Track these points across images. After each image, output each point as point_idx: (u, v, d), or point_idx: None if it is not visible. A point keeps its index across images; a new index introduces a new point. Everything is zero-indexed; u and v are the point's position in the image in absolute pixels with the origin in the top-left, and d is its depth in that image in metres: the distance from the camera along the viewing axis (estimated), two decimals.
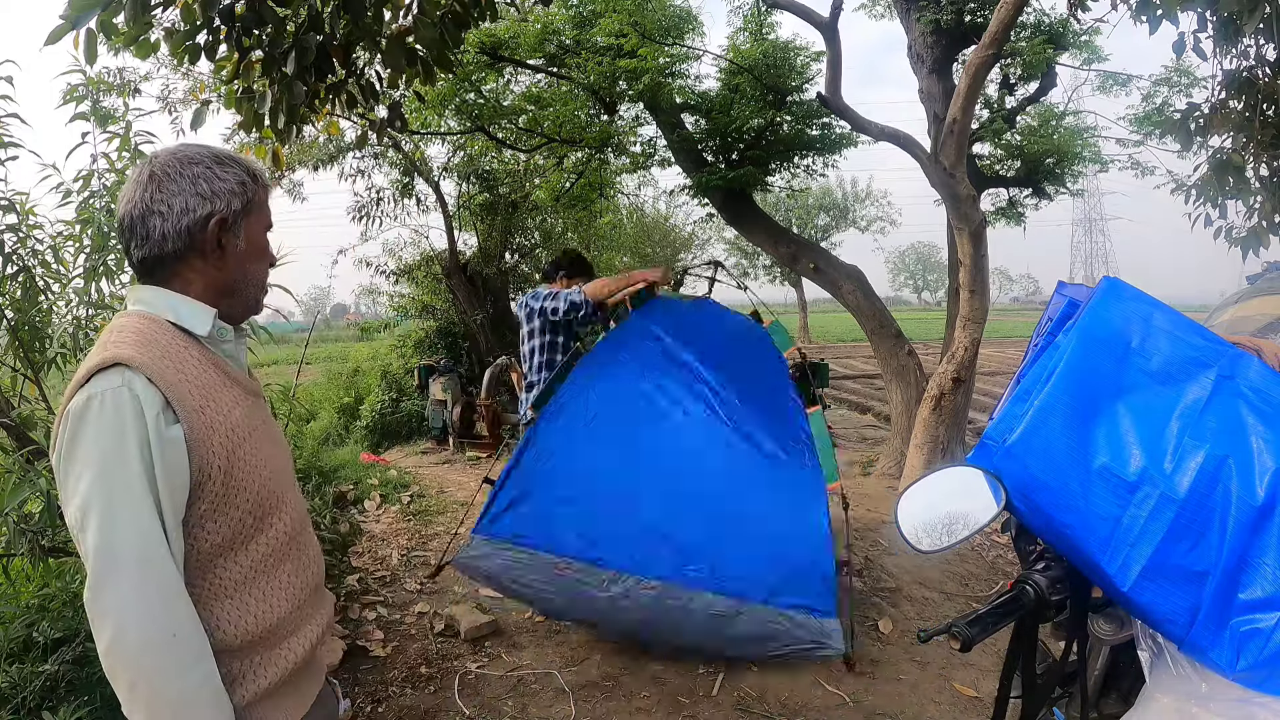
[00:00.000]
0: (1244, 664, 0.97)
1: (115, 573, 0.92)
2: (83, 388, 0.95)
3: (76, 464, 0.94)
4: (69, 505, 0.94)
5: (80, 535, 0.94)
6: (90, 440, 0.93)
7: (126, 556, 0.92)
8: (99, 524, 0.92)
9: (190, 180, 1.04)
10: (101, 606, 0.94)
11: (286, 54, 2.20)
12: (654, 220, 17.50)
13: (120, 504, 0.92)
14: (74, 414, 0.94)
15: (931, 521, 1.14)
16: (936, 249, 55.14)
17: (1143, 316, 1.15)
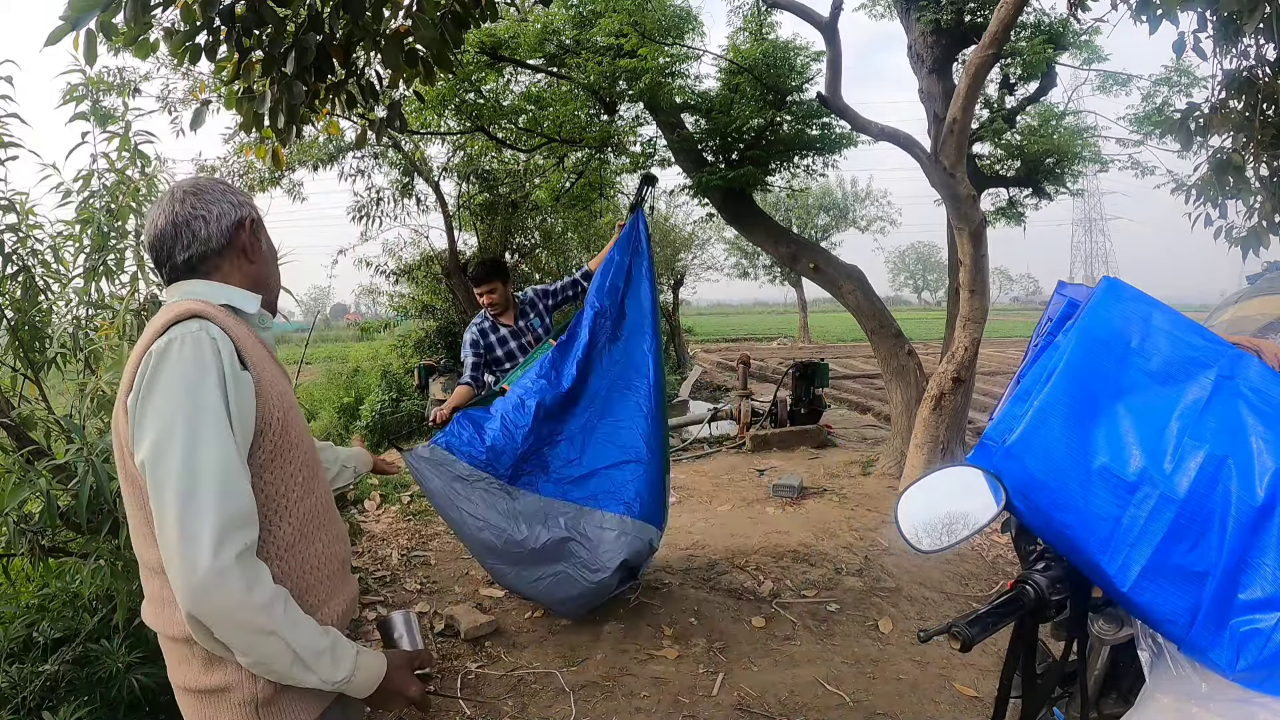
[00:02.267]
0: (1244, 664, 0.97)
1: (208, 479, 0.98)
2: (162, 334, 1.04)
3: (158, 395, 1.00)
4: (145, 438, 1.00)
5: (158, 463, 0.99)
6: (174, 374, 1.00)
7: (210, 474, 0.98)
8: (184, 446, 0.98)
9: (220, 193, 1.22)
10: (193, 513, 0.98)
11: (286, 54, 2.19)
12: (654, 220, 17.50)
13: (204, 427, 0.99)
14: (156, 353, 1.02)
15: (931, 521, 1.14)
16: (936, 249, 55.18)
17: (1142, 316, 1.15)
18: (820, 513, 5.20)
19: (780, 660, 3.13)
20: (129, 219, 2.64)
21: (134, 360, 1.05)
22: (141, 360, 1.03)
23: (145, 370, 1.02)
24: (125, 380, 1.07)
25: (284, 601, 1.03)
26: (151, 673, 2.34)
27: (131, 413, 1.03)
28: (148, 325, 1.10)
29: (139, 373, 1.03)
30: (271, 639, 1.00)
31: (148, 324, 1.11)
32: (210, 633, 0.99)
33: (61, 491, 2.15)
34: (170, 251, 1.18)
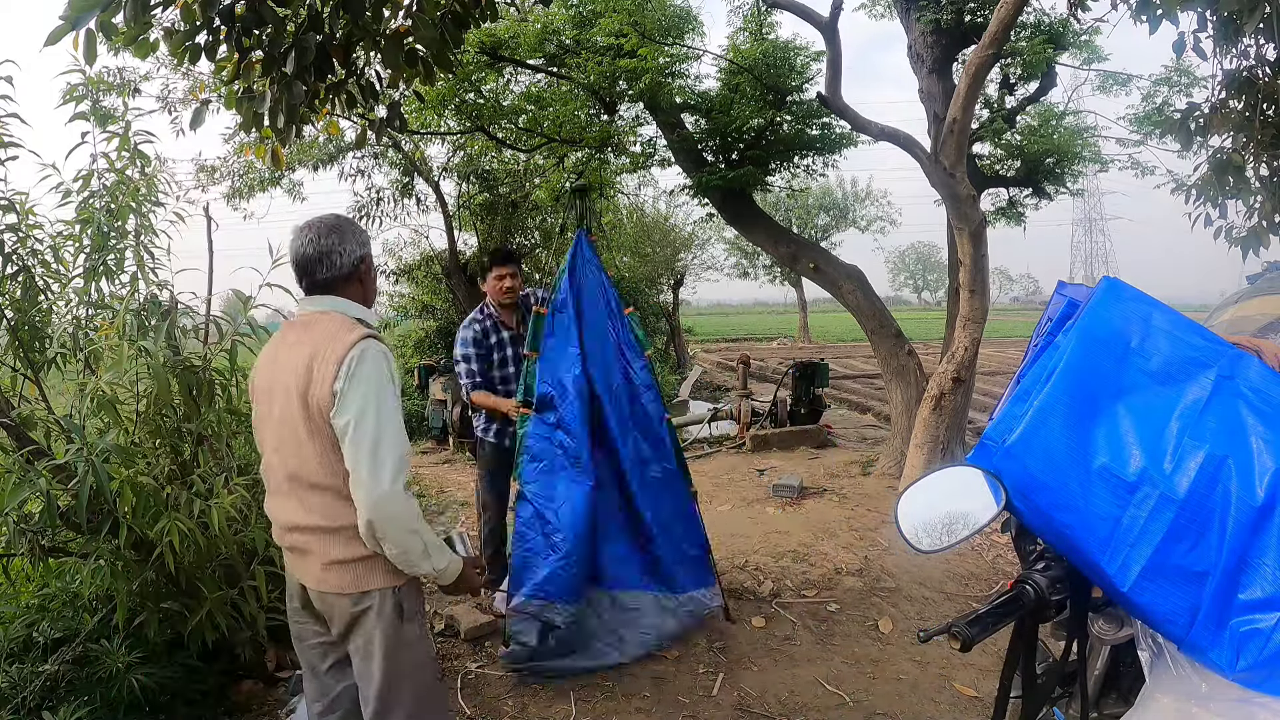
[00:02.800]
0: (1244, 664, 0.97)
1: (387, 440, 1.56)
2: (354, 346, 1.58)
3: (360, 383, 1.55)
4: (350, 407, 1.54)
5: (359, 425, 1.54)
6: (369, 369, 1.57)
7: (394, 428, 1.58)
8: (377, 412, 1.56)
9: (352, 234, 1.71)
10: (381, 461, 1.54)
11: (286, 54, 2.19)
12: (654, 220, 17.50)
13: (388, 402, 1.59)
14: (355, 356, 1.57)
15: (931, 521, 1.14)
16: (936, 249, 55.15)
17: (1142, 316, 1.15)
18: (820, 513, 5.19)
19: (780, 660, 3.13)
20: (129, 219, 2.64)
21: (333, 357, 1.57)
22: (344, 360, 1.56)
23: (349, 366, 1.55)
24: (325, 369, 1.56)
25: (421, 516, 1.63)
26: (151, 673, 2.34)
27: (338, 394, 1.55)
28: (331, 328, 1.62)
29: (342, 368, 1.55)
30: (415, 536, 1.60)
31: (329, 326, 1.63)
32: (376, 532, 1.55)
33: (61, 491, 2.15)
34: (314, 272, 1.67)
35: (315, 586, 1.68)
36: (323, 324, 1.64)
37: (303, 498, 1.64)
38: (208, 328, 2.62)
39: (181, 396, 2.43)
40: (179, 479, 2.42)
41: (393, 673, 1.67)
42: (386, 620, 1.65)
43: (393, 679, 1.67)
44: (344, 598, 1.65)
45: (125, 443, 2.39)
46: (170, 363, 2.39)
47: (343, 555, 1.63)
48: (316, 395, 1.56)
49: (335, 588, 1.65)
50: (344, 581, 1.64)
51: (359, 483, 1.54)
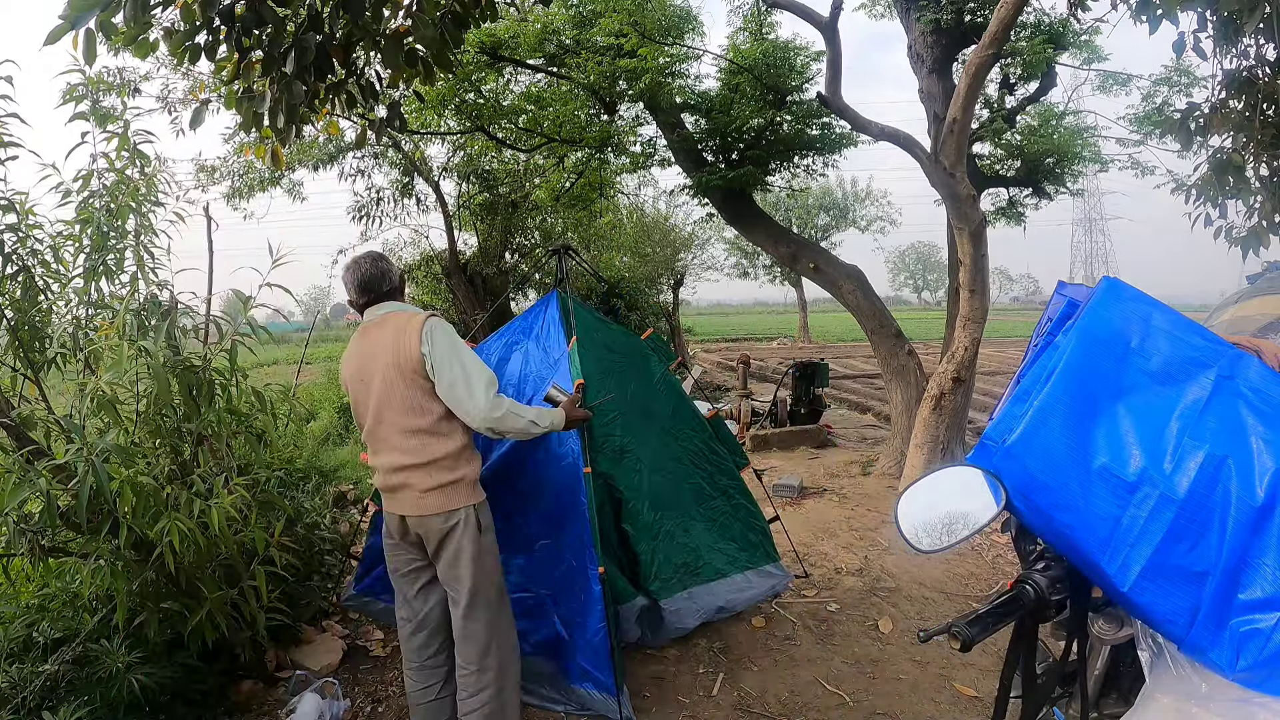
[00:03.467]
0: (1244, 664, 0.97)
1: (474, 373, 2.13)
2: (427, 320, 2.16)
3: (439, 343, 2.13)
4: (442, 360, 2.11)
5: (450, 368, 2.11)
6: (442, 333, 2.16)
7: (475, 366, 2.15)
8: (461, 358, 2.14)
9: (388, 260, 2.35)
10: (474, 385, 2.12)
11: (286, 54, 2.19)
12: (654, 220, 17.49)
13: (466, 351, 2.17)
14: (429, 328, 2.14)
15: (931, 521, 1.14)
16: (936, 249, 55.14)
17: (1142, 316, 1.15)
18: (820, 513, 5.19)
19: (780, 660, 3.13)
20: (129, 219, 2.64)
21: (413, 330, 2.13)
22: (422, 331, 2.12)
23: (429, 332, 2.12)
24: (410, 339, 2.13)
25: (512, 404, 2.18)
26: (151, 673, 2.34)
27: (427, 351, 2.11)
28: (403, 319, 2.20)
29: (421, 336, 2.11)
30: (520, 419, 2.19)
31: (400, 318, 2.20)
32: (495, 430, 2.16)
33: (61, 491, 2.15)
34: (379, 287, 2.28)
35: (414, 513, 2.17)
36: (393, 317, 2.21)
37: (403, 444, 2.16)
38: (208, 328, 2.62)
39: (181, 396, 2.43)
40: (179, 479, 2.42)
41: (478, 572, 2.18)
42: (471, 531, 2.17)
43: (479, 577, 2.18)
44: (437, 517, 2.15)
45: (125, 443, 2.39)
46: (170, 363, 2.39)
47: (434, 483, 2.15)
48: (408, 358, 2.11)
49: (430, 509, 2.15)
50: (437, 503, 2.15)
51: (465, 407, 2.11)
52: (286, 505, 2.88)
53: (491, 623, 2.22)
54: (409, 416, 2.15)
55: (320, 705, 2.61)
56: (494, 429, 2.15)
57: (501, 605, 2.28)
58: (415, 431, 2.15)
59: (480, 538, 2.20)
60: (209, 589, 2.45)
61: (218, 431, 2.51)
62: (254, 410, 2.60)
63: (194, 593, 2.48)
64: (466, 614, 2.20)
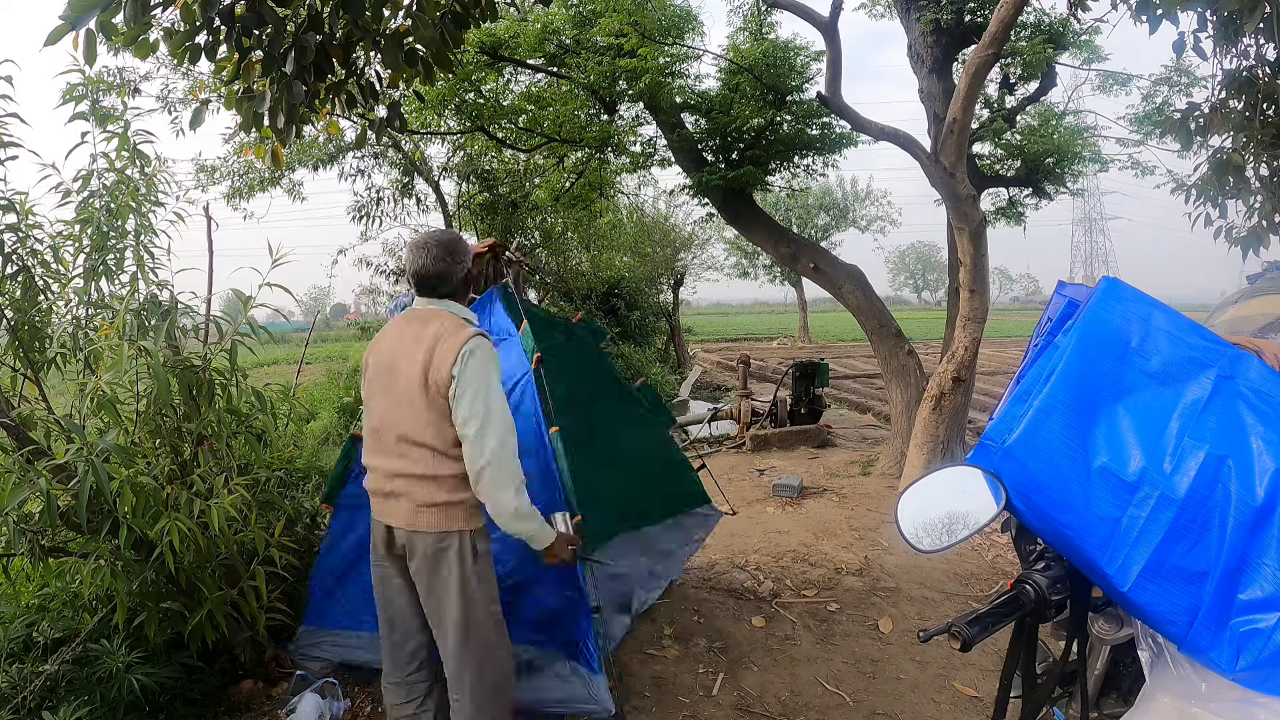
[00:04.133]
0: (1244, 664, 0.97)
1: (495, 418, 1.92)
2: (470, 340, 1.93)
3: (471, 373, 1.90)
4: (466, 388, 1.90)
5: (473, 404, 1.89)
6: (478, 363, 1.92)
7: (500, 413, 1.94)
8: (487, 398, 1.91)
9: (464, 253, 2.08)
10: (488, 434, 1.90)
11: (286, 54, 2.19)
12: (654, 220, 17.50)
13: (495, 390, 1.95)
14: (467, 351, 1.91)
15: (931, 521, 1.14)
16: (936, 249, 55.16)
17: (1142, 316, 1.15)
18: (820, 513, 5.20)
19: (780, 660, 3.13)
20: (129, 219, 2.64)
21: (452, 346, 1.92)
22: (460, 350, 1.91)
23: (464, 359, 1.90)
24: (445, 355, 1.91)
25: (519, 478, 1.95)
26: (151, 673, 2.34)
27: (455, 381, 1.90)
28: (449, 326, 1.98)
29: (456, 362, 1.90)
30: (509, 497, 1.93)
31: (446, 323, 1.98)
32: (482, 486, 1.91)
33: (61, 491, 2.15)
34: (435, 284, 2.04)
35: (405, 526, 2.00)
36: (440, 319, 2.00)
37: (408, 452, 1.99)
38: (208, 328, 2.62)
39: (181, 396, 2.43)
40: (179, 479, 2.42)
41: (466, 604, 1.99)
42: (464, 559, 1.99)
43: (466, 609, 1.99)
44: (429, 536, 1.98)
45: (125, 443, 2.39)
46: (170, 363, 2.39)
47: (433, 499, 1.97)
48: (436, 375, 1.92)
49: (424, 526, 1.98)
50: (433, 521, 1.98)
51: (475, 449, 1.90)
52: (286, 505, 2.88)
53: (485, 654, 2.04)
54: (422, 431, 1.96)
55: (320, 705, 2.61)
56: (481, 485, 1.91)
57: (497, 634, 2.08)
58: (423, 446, 1.97)
59: (474, 565, 2.01)
60: (209, 589, 2.45)
61: (218, 431, 2.51)
62: (254, 410, 2.60)
63: (194, 593, 2.48)
64: (458, 646, 2.00)
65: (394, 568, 2.09)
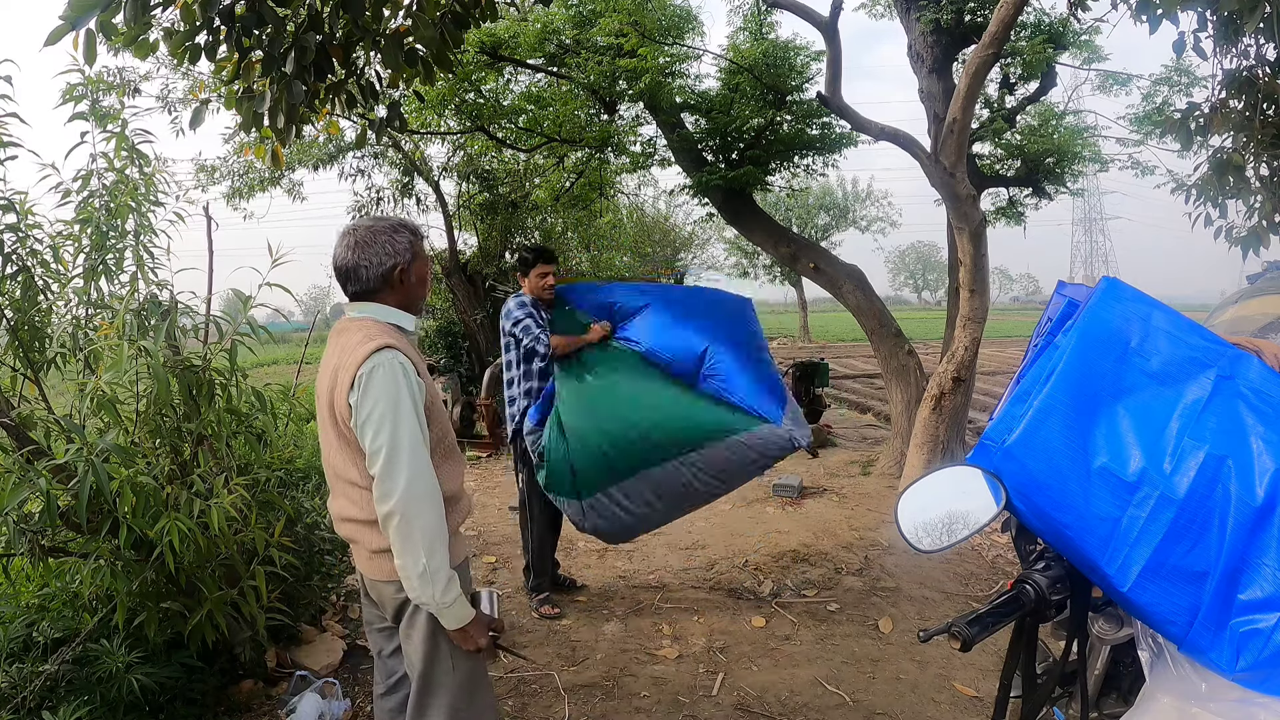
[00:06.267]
0: (1244, 664, 0.97)
1: (401, 453, 1.56)
2: (367, 360, 1.58)
3: (370, 399, 1.57)
4: (368, 423, 1.57)
5: (375, 437, 1.56)
6: (379, 386, 1.58)
7: (408, 445, 1.57)
8: (394, 427, 1.57)
9: (381, 245, 1.71)
10: (394, 474, 1.56)
11: (286, 54, 2.19)
12: (654, 220, 17.50)
13: (404, 416, 1.58)
14: (365, 374, 1.58)
15: (931, 521, 1.14)
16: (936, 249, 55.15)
17: (1142, 316, 1.15)
18: (820, 513, 5.19)
19: (780, 660, 3.13)
20: (128, 219, 2.64)
21: (349, 367, 1.60)
22: (356, 373, 1.58)
23: (360, 384, 1.58)
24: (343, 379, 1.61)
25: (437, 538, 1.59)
26: (151, 673, 2.34)
27: (355, 407, 1.59)
28: (353, 340, 1.64)
29: (353, 385, 1.58)
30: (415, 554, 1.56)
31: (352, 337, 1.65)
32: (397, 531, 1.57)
33: (61, 491, 2.15)
34: (345, 283, 1.74)
35: (366, 574, 1.79)
36: (351, 332, 1.68)
37: (347, 492, 1.73)
38: (208, 328, 2.62)
39: (181, 396, 2.42)
40: (179, 479, 2.42)
41: (432, 655, 1.71)
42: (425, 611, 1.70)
43: (432, 661, 1.72)
44: (389, 584, 1.70)
45: (125, 443, 2.39)
46: (170, 363, 2.39)
47: (383, 545, 1.65)
48: (338, 404, 1.63)
49: (382, 575, 1.71)
50: (388, 569, 1.67)
51: (380, 490, 1.58)
52: (286, 505, 2.87)
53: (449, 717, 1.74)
54: (347, 467, 1.69)
55: (320, 705, 2.61)
56: (389, 537, 1.59)
57: (468, 699, 1.77)
58: (355, 485, 1.69)
59: None
60: (209, 589, 2.45)
61: (218, 431, 2.50)
62: (254, 410, 2.60)
63: (194, 593, 2.48)
64: (417, 704, 1.74)
65: (375, 609, 1.88)
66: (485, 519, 5.21)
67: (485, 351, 8.95)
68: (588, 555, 4.40)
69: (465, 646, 1.69)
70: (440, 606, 1.61)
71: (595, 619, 3.52)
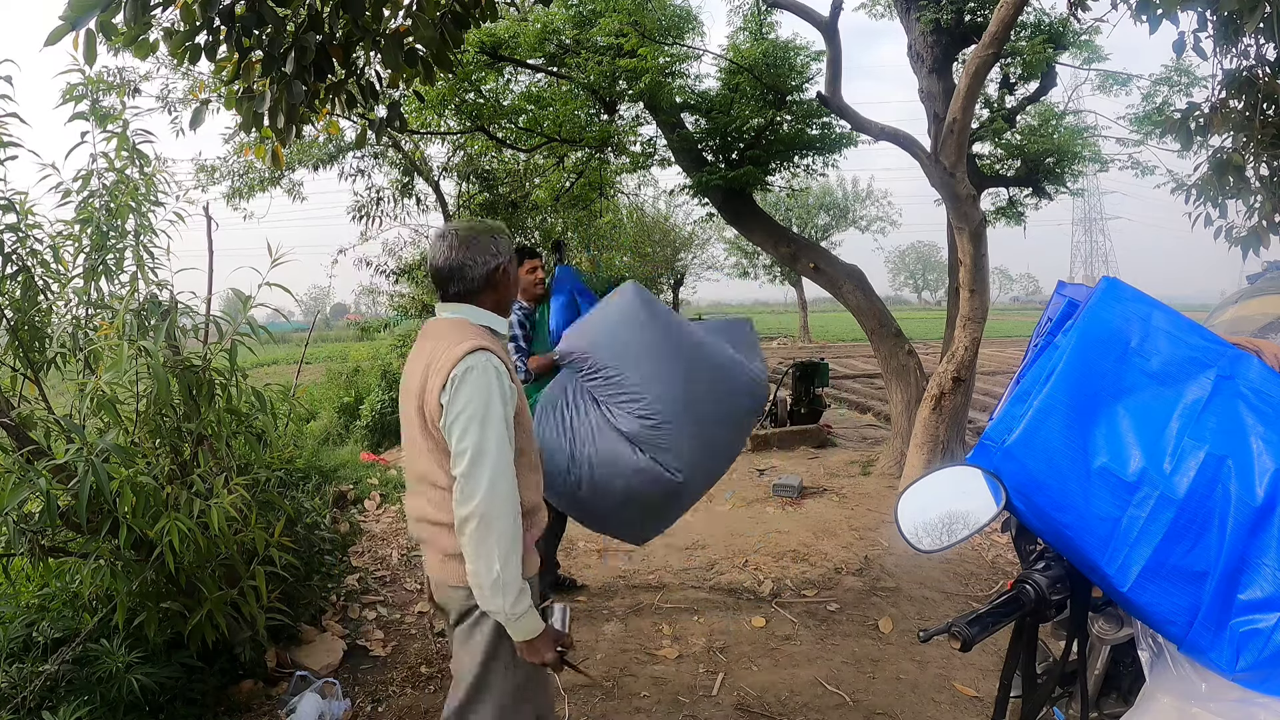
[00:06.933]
0: (1244, 664, 0.97)
1: (487, 456, 1.56)
2: (461, 361, 1.59)
3: (461, 400, 1.58)
4: (456, 423, 1.58)
5: (463, 438, 1.57)
6: (471, 387, 1.58)
7: (494, 449, 1.57)
8: (481, 430, 1.57)
9: (484, 244, 1.74)
10: (477, 477, 1.55)
11: (286, 54, 2.19)
12: (654, 220, 17.50)
13: (493, 420, 1.58)
14: (458, 375, 1.58)
15: (931, 521, 1.14)
16: (936, 249, 55.19)
17: (1142, 316, 1.15)
18: (820, 513, 5.20)
19: (780, 660, 3.13)
20: (128, 219, 2.64)
21: (443, 368, 1.60)
22: (450, 374, 1.59)
23: (453, 384, 1.59)
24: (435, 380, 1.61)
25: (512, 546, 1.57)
26: (152, 672, 2.34)
27: (446, 403, 1.59)
28: (446, 340, 1.65)
29: (446, 386, 1.59)
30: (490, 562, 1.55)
31: (445, 336, 1.67)
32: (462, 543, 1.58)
33: (61, 491, 2.15)
34: (447, 283, 1.74)
35: (435, 577, 1.76)
36: (446, 332, 1.69)
37: (427, 493, 1.72)
38: (208, 328, 2.62)
39: (181, 396, 2.42)
40: (179, 479, 2.42)
41: (490, 661, 1.69)
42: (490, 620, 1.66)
43: (489, 667, 1.70)
44: (458, 589, 1.68)
45: (125, 443, 2.39)
46: (170, 363, 2.39)
47: (457, 549, 1.63)
48: (428, 403, 1.63)
49: (452, 579, 1.69)
50: (459, 573, 1.64)
51: (461, 492, 1.57)
52: (286, 505, 2.88)
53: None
54: (431, 470, 1.68)
55: (320, 705, 2.61)
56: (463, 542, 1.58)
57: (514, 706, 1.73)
58: (437, 486, 1.68)
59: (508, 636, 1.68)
60: (209, 589, 2.45)
61: (218, 431, 2.50)
62: (254, 410, 2.60)
63: (194, 593, 2.48)
64: (464, 705, 1.72)
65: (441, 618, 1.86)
66: None
67: None
68: (588, 555, 4.40)
69: (530, 659, 1.65)
70: (510, 617, 1.58)
71: (595, 619, 3.52)
